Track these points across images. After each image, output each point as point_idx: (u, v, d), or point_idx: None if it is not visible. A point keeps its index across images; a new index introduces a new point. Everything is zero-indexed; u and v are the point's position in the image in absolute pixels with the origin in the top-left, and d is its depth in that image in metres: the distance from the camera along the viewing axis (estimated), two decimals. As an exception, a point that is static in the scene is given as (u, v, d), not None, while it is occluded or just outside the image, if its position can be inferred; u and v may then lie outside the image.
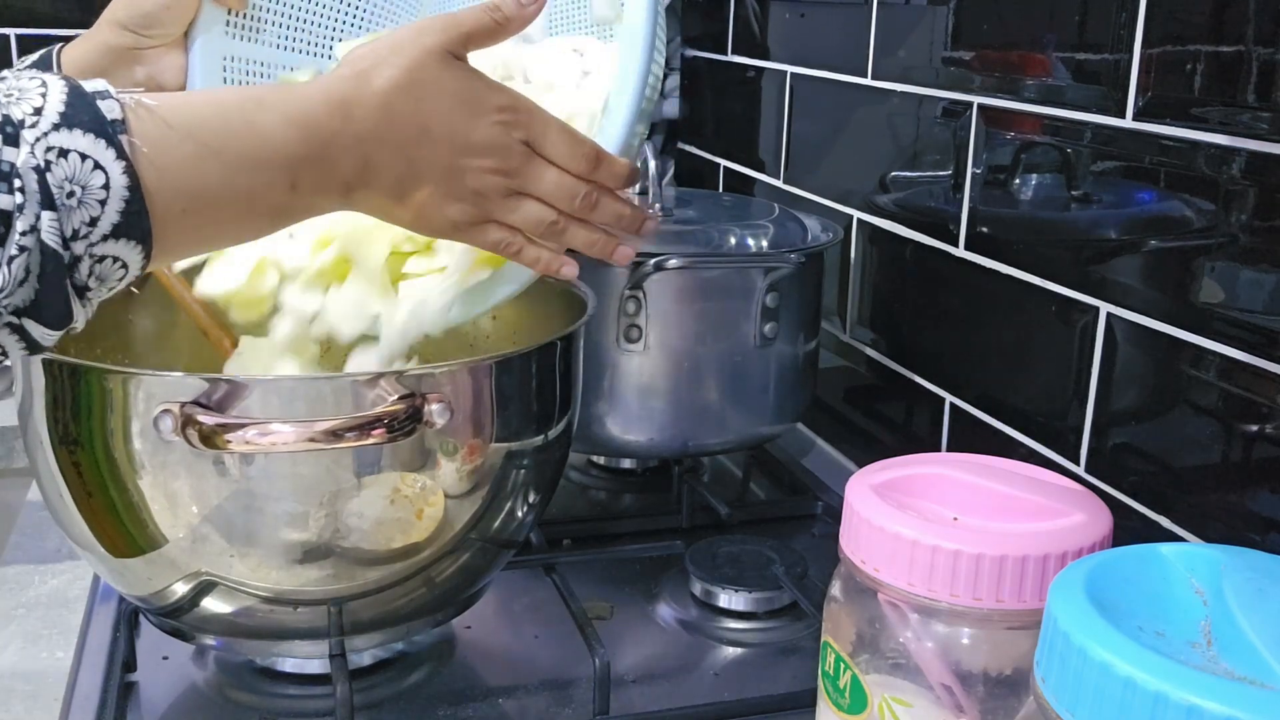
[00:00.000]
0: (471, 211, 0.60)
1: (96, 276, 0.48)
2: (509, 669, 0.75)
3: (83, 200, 0.46)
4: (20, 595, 0.81)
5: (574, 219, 0.63)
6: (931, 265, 0.94)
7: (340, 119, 0.55)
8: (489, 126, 0.58)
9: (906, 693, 0.51)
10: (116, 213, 0.47)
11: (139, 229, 0.48)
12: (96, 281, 0.48)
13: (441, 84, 0.57)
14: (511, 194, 0.60)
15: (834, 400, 1.11)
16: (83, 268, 0.47)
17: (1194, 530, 0.70)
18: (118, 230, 0.47)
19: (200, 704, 0.70)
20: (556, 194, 0.61)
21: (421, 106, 0.57)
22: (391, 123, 0.56)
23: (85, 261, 0.47)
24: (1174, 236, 0.70)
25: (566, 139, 0.61)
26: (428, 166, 0.58)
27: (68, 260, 0.46)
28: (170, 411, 0.56)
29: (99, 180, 0.46)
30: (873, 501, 0.52)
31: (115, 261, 0.48)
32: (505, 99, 0.59)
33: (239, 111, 0.53)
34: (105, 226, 0.47)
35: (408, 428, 0.58)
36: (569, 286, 0.79)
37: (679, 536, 0.91)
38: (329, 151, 0.55)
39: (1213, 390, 0.67)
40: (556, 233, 0.62)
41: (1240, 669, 0.36)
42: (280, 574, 0.62)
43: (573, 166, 0.61)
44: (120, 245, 0.48)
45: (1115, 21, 0.73)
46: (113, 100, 0.48)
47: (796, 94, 1.17)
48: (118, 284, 0.49)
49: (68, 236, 0.46)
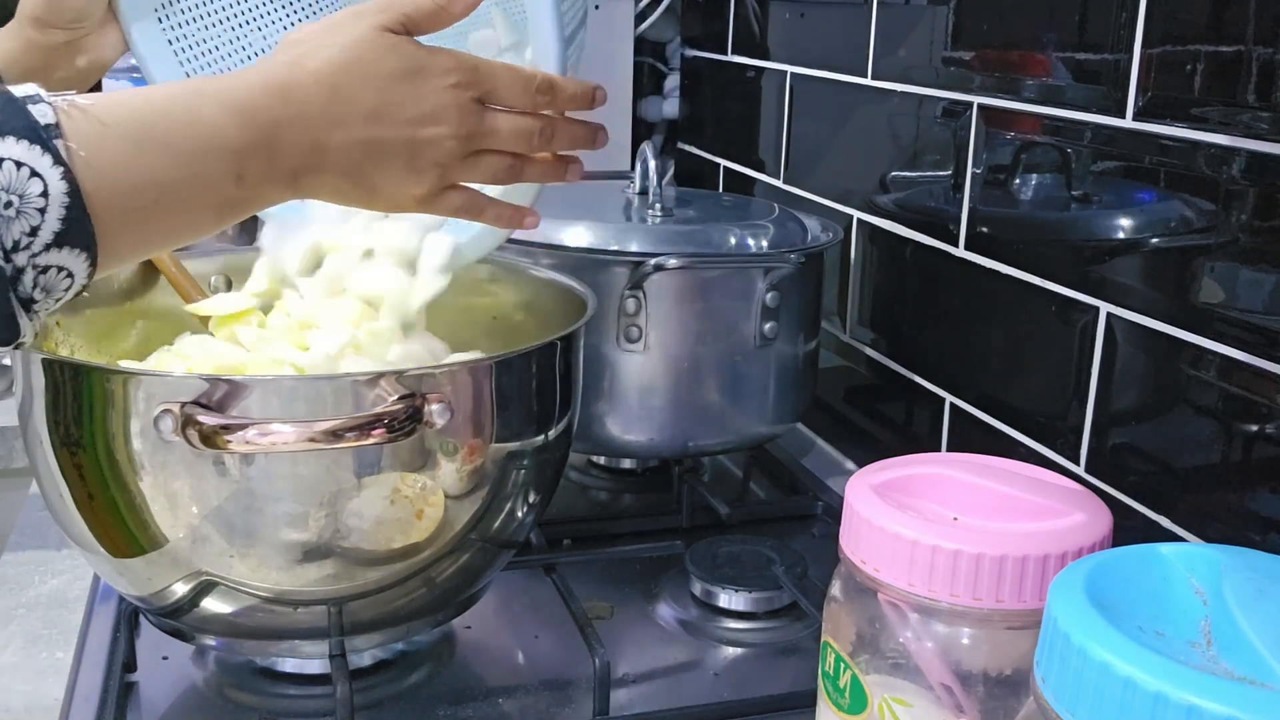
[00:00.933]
0: (433, 182, 0.59)
1: (42, 288, 0.46)
2: (509, 669, 0.75)
3: (21, 210, 0.44)
4: (20, 595, 0.81)
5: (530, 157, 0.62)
6: (931, 265, 0.94)
7: (280, 102, 0.53)
8: (439, 93, 0.57)
9: (906, 693, 0.51)
10: (57, 220, 0.45)
11: (82, 236, 0.46)
12: (42, 294, 0.46)
13: (383, 60, 0.56)
14: (470, 154, 0.60)
15: (834, 400, 1.11)
16: (26, 279, 0.45)
17: (1194, 530, 0.70)
18: (60, 239, 0.46)
19: (200, 704, 0.70)
20: (514, 140, 0.61)
21: (367, 84, 0.55)
22: (339, 102, 0.55)
23: (29, 273, 0.45)
24: (1174, 236, 0.70)
25: (517, 81, 0.60)
26: (388, 145, 0.57)
27: (10, 273, 0.45)
28: (170, 411, 0.56)
29: (36, 188, 0.45)
30: (873, 501, 0.52)
31: (60, 271, 0.46)
32: (449, 60, 0.58)
33: (176, 104, 0.51)
34: (47, 236, 0.45)
35: (408, 428, 0.58)
36: (569, 287, 0.79)
37: (679, 536, 0.91)
38: (273, 137, 0.53)
39: (1213, 390, 0.67)
40: (514, 175, 0.62)
41: (1240, 669, 0.36)
42: (280, 574, 0.62)
43: (529, 105, 0.60)
44: (64, 254, 0.46)
45: (1115, 21, 0.73)
46: (45, 104, 0.46)
47: (796, 94, 1.17)
48: (64, 294, 0.48)
49: (8, 249, 0.44)
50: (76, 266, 0.47)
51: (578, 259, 0.89)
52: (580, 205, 0.99)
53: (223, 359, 0.71)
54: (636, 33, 1.48)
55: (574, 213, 0.94)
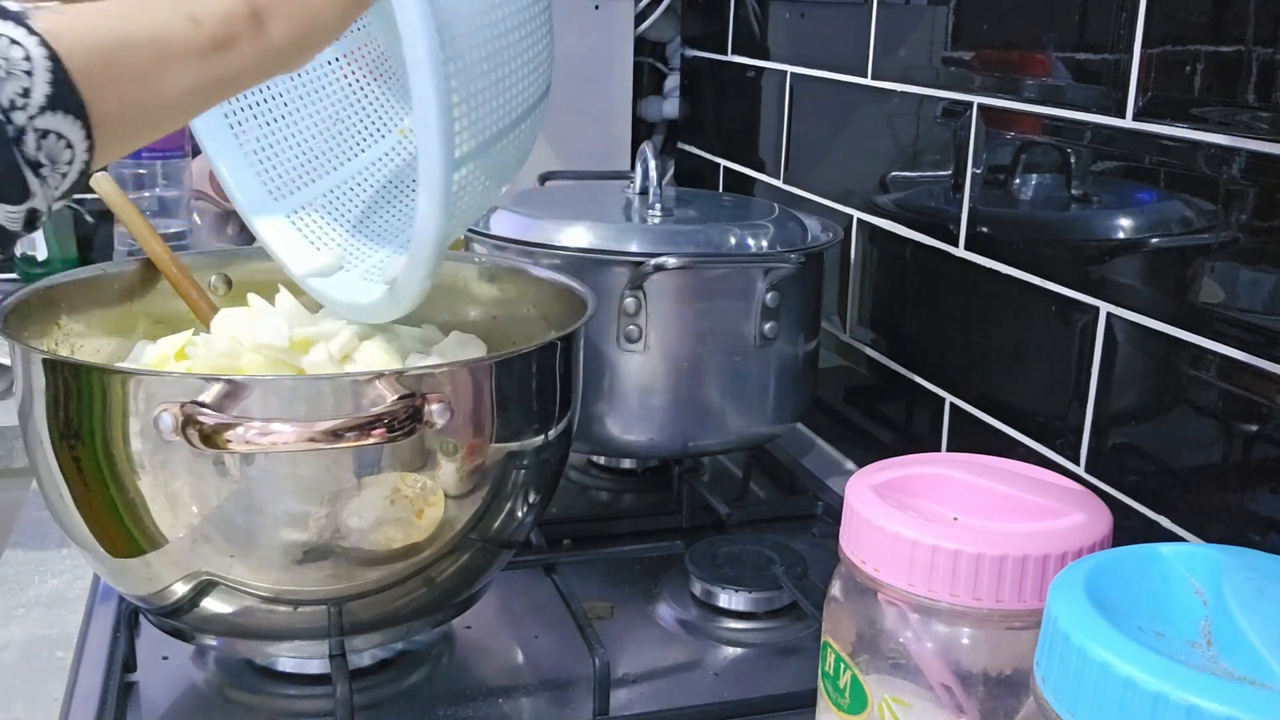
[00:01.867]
0: None
1: (46, 154, 0.48)
2: (509, 669, 0.75)
3: (10, 72, 0.46)
4: (20, 595, 0.81)
5: None
6: (931, 265, 0.94)
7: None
8: None
9: (906, 693, 0.51)
10: (46, 83, 0.47)
11: (73, 99, 0.48)
12: (48, 160, 0.48)
13: None
14: None
15: (834, 400, 1.11)
16: (29, 140, 0.47)
17: (1194, 530, 0.70)
18: (53, 101, 0.47)
19: (200, 704, 0.70)
20: None
21: None
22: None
23: (30, 134, 0.47)
24: (1174, 236, 0.70)
25: None
26: None
27: (12, 133, 0.46)
28: (170, 411, 0.56)
29: (19, 53, 0.47)
30: (873, 501, 0.52)
31: (60, 140, 0.48)
32: None
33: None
34: (39, 98, 0.47)
35: (408, 428, 0.58)
36: (569, 287, 0.79)
37: (679, 536, 0.91)
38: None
39: (1213, 390, 0.67)
40: None
41: (1240, 669, 0.36)
42: (280, 574, 0.62)
43: None
44: (59, 119, 0.48)
45: (1115, 21, 0.73)
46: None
47: (796, 94, 1.17)
48: (69, 168, 0.49)
49: (6, 108, 0.46)
50: (74, 135, 0.49)
51: (578, 259, 0.89)
52: (580, 205, 0.99)
53: (223, 359, 0.71)
54: (636, 33, 1.48)
55: (574, 213, 0.94)
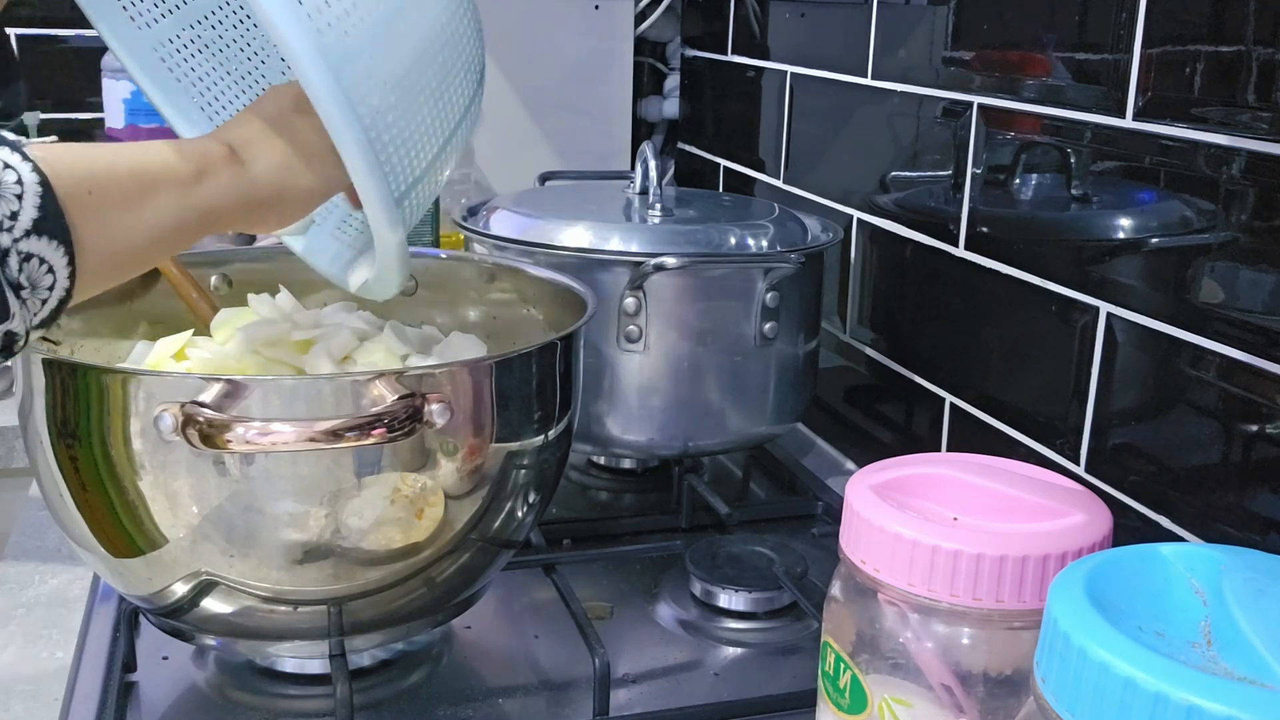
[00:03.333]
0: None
1: (27, 277, 0.48)
2: (509, 669, 0.75)
3: (1, 194, 0.47)
4: (20, 595, 0.81)
5: None
6: (931, 265, 0.94)
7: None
8: None
9: (906, 693, 0.51)
10: (34, 207, 0.48)
11: (59, 226, 0.49)
12: (29, 283, 0.48)
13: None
14: None
15: (834, 400, 1.11)
16: (12, 262, 0.47)
17: (1194, 530, 0.70)
18: (39, 226, 0.48)
19: (200, 704, 0.70)
20: None
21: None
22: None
23: (14, 256, 0.47)
24: (1174, 236, 0.70)
25: None
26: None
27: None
28: (170, 411, 0.56)
29: (12, 177, 0.47)
30: (873, 501, 0.52)
31: (42, 265, 0.48)
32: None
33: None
34: (26, 221, 0.47)
35: (408, 428, 0.58)
36: (569, 286, 0.79)
37: (679, 536, 0.91)
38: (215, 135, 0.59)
39: (1213, 390, 0.67)
40: None
41: (1240, 669, 0.36)
42: (280, 574, 0.62)
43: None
44: (43, 244, 0.48)
45: (1115, 21, 0.73)
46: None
47: (796, 94, 1.17)
48: (49, 294, 0.49)
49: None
50: (57, 261, 0.49)
51: (578, 259, 0.89)
52: (580, 205, 0.99)
53: (223, 359, 0.71)
54: (636, 33, 1.48)
55: (574, 213, 0.94)
